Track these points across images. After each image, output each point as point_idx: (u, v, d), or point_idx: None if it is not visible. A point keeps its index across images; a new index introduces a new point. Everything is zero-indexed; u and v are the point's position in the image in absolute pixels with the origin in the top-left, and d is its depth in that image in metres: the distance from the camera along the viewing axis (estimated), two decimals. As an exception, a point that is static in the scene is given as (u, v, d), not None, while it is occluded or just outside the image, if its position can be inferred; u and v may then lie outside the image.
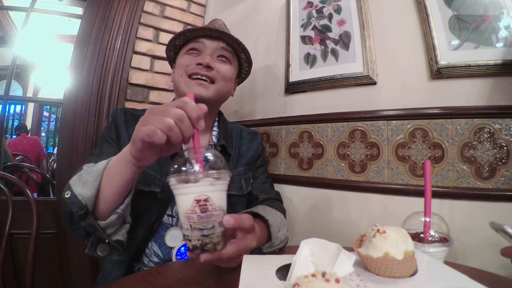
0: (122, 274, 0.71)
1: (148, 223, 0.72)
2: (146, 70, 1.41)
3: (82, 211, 0.54)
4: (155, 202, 0.73)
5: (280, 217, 0.73)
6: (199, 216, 0.42)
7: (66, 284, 1.32)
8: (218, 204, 0.44)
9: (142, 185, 0.72)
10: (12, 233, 1.05)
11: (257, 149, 0.94)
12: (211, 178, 0.43)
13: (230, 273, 0.55)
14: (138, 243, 0.72)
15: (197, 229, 0.42)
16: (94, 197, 0.55)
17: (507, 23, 0.75)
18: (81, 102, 1.30)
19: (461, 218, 0.75)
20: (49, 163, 3.53)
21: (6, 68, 1.64)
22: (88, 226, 0.56)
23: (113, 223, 0.57)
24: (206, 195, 0.42)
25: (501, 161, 0.72)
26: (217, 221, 0.43)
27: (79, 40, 1.36)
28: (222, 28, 0.86)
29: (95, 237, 0.57)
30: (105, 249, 0.60)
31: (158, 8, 1.46)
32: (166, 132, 0.44)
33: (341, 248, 0.44)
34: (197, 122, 0.46)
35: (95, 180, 0.56)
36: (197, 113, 0.46)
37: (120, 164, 0.54)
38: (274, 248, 0.67)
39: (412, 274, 0.45)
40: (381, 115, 0.89)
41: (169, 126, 0.44)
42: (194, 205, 0.42)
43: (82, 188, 0.56)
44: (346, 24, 1.01)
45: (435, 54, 0.82)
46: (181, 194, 0.44)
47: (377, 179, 0.88)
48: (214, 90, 0.80)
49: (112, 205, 0.57)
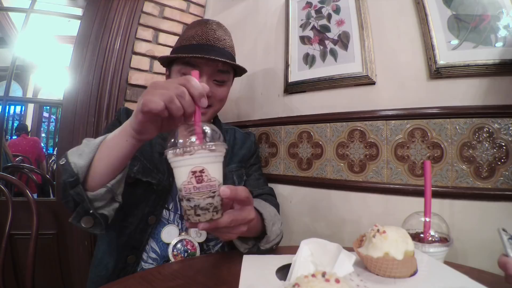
0: (113, 262, 0.72)
1: (142, 214, 0.74)
2: (146, 70, 1.41)
3: (72, 179, 0.55)
4: (151, 194, 0.75)
5: (274, 211, 0.75)
6: (195, 187, 0.43)
7: (66, 284, 1.32)
8: (213, 175, 0.45)
9: (140, 174, 0.74)
10: (12, 234, 1.05)
11: (250, 148, 0.98)
12: (207, 150, 0.44)
13: (230, 273, 0.55)
14: (131, 232, 0.73)
15: (194, 199, 0.44)
16: (86, 167, 0.56)
17: (506, 23, 0.75)
18: (80, 103, 1.31)
19: (460, 218, 0.75)
20: (49, 163, 3.52)
21: (6, 69, 1.64)
22: (76, 195, 0.56)
23: (102, 196, 0.58)
24: (201, 167, 0.43)
25: (500, 161, 0.73)
26: (213, 191, 0.44)
27: (79, 40, 1.37)
28: (219, 39, 0.84)
29: (82, 208, 0.57)
30: (89, 221, 0.59)
31: (158, 8, 1.46)
32: (166, 104, 0.45)
33: (341, 248, 0.44)
34: (199, 100, 0.47)
35: (90, 152, 0.57)
36: (199, 91, 0.46)
37: (119, 137, 0.55)
38: (270, 243, 0.68)
39: (412, 274, 0.45)
40: (380, 115, 0.89)
41: (169, 98, 0.44)
42: (190, 177, 0.43)
43: (77, 158, 0.57)
44: (345, 24, 1.01)
45: (434, 54, 0.82)
46: (178, 167, 0.45)
47: (376, 179, 0.88)
48: (211, 113, 0.86)
49: (104, 179, 0.58)
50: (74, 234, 1.29)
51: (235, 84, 1.31)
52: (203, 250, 0.79)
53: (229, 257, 0.68)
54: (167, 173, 0.78)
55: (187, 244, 0.75)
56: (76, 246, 1.29)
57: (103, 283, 0.71)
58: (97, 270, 0.74)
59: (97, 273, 0.74)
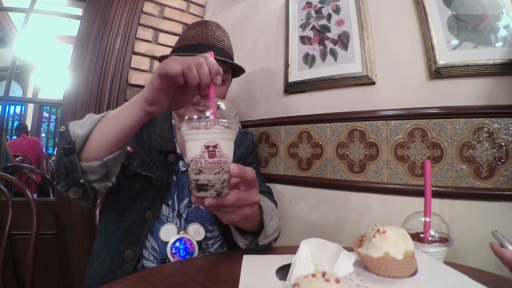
0: (110, 257, 0.72)
1: (139, 208, 0.75)
2: (146, 70, 1.41)
3: (69, 146, 0.55)
4: (150, 189, 0.76)
5: (272, 206, 0.75)
6: (207, 161, 0.43)
7: (66, 284, 1.32)
8: (225, 152, 0.45)
9: (140, 168, 0.75)
10: (12, 234, 1.05)
11: (248, 147, 0.98)
12: (222, 126, 0.44)
13: (230, 273, 0.55)
14: (128, 226, 0.74)
15: (204, 174, 0.44)
16: (85, 136, 0.57)
17: (506, 23, 0.75)
18: (80, 103, 1.31)
19: (460, 218, 0.75)
20: (49, 164, 3.52)
21: (6, 69, 1.64)
22: (69, 164, 0.56)
23: (95, 169, 0.57)
24: (215, 142, 0.44)
25: (500, 161, 0.73)
26: (223, 167, 0.45)
27: (79, 40, 1.37)
28: (218, 40, 0.88)
29: (73, 177, 0.57)
30: (77, 192, 0.59)
31: (158, 8, 1.46)
32: (184, 70, 0.45)
33: (341, 248, 0.44)
34: (214, 76, 0.47)
35: (91, 123, 0.58)
36: (216, 68, 0.47)
37: (127, 109, 0.55)
38: (268, 238, 0.68)
39: (412, 274, 0.45)
40: (380, 115, 0.89)
41: (188, 65, 0.45)
42: (203, 151, 0.43)
43: (77, 128, 0.57)
44: (345, 24, 1.01)
45: (434, 54, 0.82)
46: (191, 140, 0.45)
47: (376, 179, 0.88)
48: None
49: (102, 152, 0.57)
50: (74, 234, 1.29)
51: (235, 85, 1.31)
52: (202, 249, 0.79)
53: (229, 257, 0.68)
54: (166, 171, 0.79)
55: (186, 242, 0.75)
56: (76, 246, 1.29)
57: (100, 278, 0.72)
58: (95, 264, 0.74)
59: (95, 267, 0.74)
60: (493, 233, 0.57)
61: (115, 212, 0.77)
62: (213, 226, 0.81)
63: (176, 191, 0.80)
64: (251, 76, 1.27)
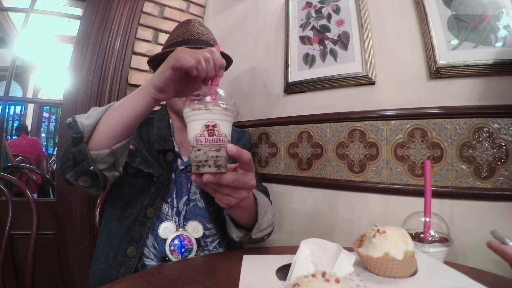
0: (113, 254, 0.73)
1: (141, 205, 0.76)
2: (146, 71, 1.41)
3: (77, 135, 0.56)
4: (151, 186, 0.78)
5: (267, 202, 0.77)
6: (206, 139, 0.48)
7: (66, 284, 1.32)
8: (224, 131, 0.49)
9: (142, 165, 0.77)
10: (12, 234, 1.05)
11: (244, 146, 1.00)
12: (220, 107, 0.48)
13: (230, 273, 0.55)
14: (130, 223, 0.75)
15: (203, 151, 0.48)
16: (92, 126, 0.58)
17: (506, 23, 0.75)
18: (80, 103, 1.30)
19: (460, 218, 0.75)
20: (49, 164, 3.52)
21: (5, 69, 1.64)
22: (78, 153, 0.57)
23: (104, 158, 0.59)
24: (214, 122, 0.48)
25: (500, 161, 0.73)
26: (221, 145, 0.49)
27: (79, 41, 1.36)
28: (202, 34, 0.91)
29: (82, 167, 0.58)
30: (86, 181, 0.60)
31: (158, 8, 1.46)
32: (195, 63, 0.49)
33: (341, 248, 0.44)
34: (219, 69, 0.52)
35: (97, 114, 0.60)
36: (221, 62, 0.52)
37: (136, 97, 0.57)
38: (262, 232, 0.70)
39: (412, 274, 0.45)
40: (380, 115, 0.89)
41: (198, 59, 0.49)
42: (203, 130, 0.48)
43: (84, 119, 0.59)
44: (344, 24, 1.01)
45: (434, 54, 0.82)
46: (193, 120, 0.49)
47: (376, 179, 0.88)
48: None
49: (110, 141, 0.59)
50: (74, 234, 1.29)
51: (235, 84, 1.31)
52: (200, 246, 0.79)
53: (229, 257, 0.68)
54: (166, 169, 0.80)
55: (184, 239, 0.75)
56: (76, 246, 1.29)
57: (103, 276, 0.72)
58: (98, 262, 0.75)
59: (98, 265, 0.74)
60: (493, 233, 0.57)
61: (117, 209, 0.77)
62: (211, 223, 0.82)
63: (175, 189, 0.81)
64: (251, 76, 1.27)
